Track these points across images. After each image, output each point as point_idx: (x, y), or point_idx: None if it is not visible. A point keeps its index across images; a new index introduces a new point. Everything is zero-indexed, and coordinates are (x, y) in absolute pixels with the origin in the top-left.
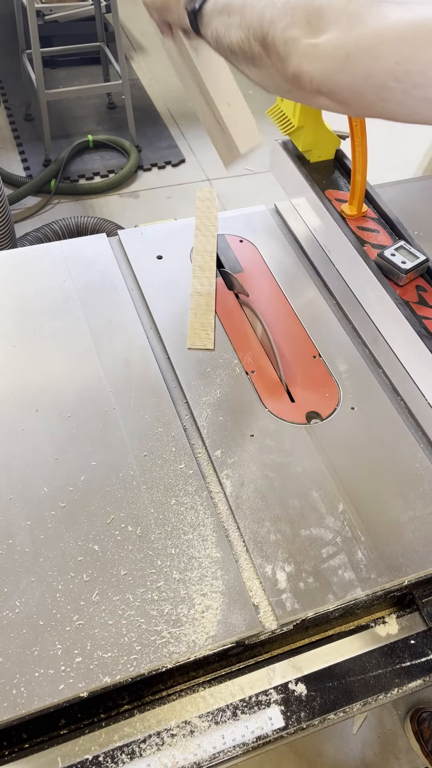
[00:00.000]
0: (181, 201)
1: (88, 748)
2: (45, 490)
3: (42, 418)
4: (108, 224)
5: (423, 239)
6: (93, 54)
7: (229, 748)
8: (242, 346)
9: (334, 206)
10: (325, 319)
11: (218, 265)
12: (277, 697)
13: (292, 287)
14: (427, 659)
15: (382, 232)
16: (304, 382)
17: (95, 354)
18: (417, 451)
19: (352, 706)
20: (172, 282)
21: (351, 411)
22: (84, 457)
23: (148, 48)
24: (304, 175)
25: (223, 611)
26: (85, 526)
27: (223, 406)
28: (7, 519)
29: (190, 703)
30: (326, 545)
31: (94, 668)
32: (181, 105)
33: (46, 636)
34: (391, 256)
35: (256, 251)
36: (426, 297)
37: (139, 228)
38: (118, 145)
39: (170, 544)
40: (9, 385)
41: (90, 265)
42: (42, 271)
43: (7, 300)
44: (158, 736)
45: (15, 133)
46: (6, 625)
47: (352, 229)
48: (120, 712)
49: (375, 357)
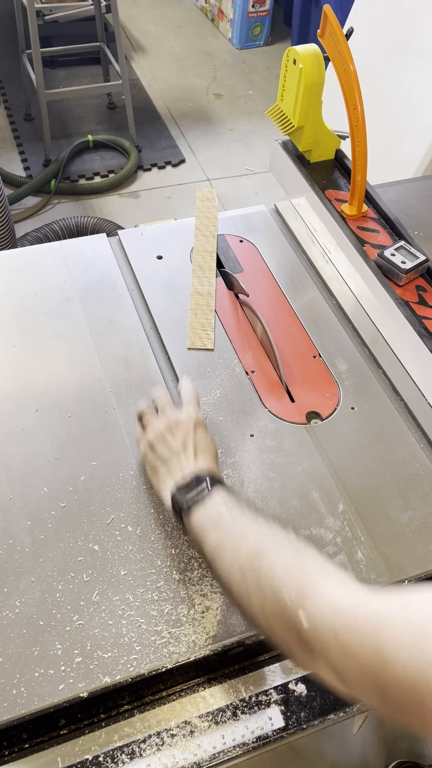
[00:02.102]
0: (181, 201)
1: (88, 748)
2: (45, 490)
3: (42, 418)
4: (108, 224)
5: (423, 239)
6: (93, 54)
7: (229, 748)
8: (242, 346)
9: (334, 206)
10: (325, 319)
11: (218, 265)
12: (277, 697)
13: (292, 287)
14: None
15: (382, 232)
16: (304, 382)
17: (95, 354)
18: (417, 451)
19: (352, 706)
20: (172, 282)
21: (351, 411)
22: (84, 457)
23: (148, 48)
24: (304, 175)
25: (223, 611)
26: (85, 526)
27: (223, 406)
28: (7, 519)
29: (190, 703)
30: (326, 545)
31: (94, 668)
32: (181, 105)
33: (46, 636)
34: (391, 256)
35: (256, 251)
36: (426, 297)
37: (139, 228)
38: (118, 145)
39: (170, 544)
40: (9, 385)
41: (90, 265)
42: (42, 271)
43: (7, 300)
44: (158, 736)
45: (15, 133)
46: (6, 625)
47: (352, 229)
48: (120, 712)
49: (375, 357)
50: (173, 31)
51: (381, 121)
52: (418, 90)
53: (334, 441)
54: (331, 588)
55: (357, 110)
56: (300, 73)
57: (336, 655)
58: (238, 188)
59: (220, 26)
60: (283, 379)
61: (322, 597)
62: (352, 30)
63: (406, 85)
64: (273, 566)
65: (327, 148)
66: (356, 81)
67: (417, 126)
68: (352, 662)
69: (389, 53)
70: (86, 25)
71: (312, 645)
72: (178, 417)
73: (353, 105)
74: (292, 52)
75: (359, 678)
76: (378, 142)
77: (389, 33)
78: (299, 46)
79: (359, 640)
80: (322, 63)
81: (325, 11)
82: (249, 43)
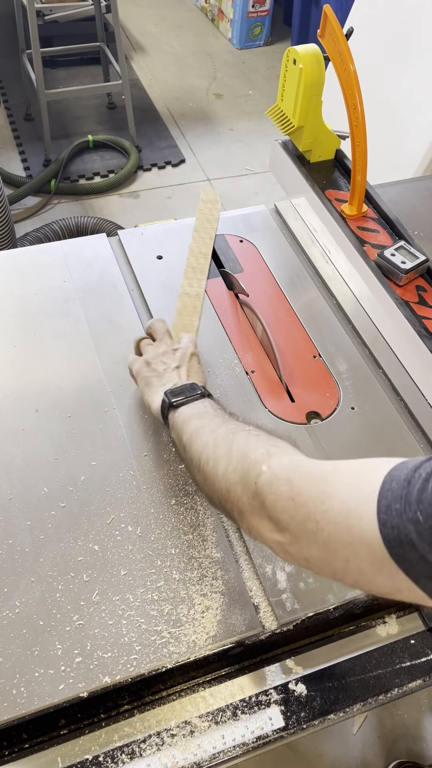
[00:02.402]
0: (181, 201)
1: (88, 748)
2: (45, 490)
3: (42, 418)
4: (108, 224)
5: (423, 239)
6: (93, 54)
7: (229, 748)
8: (242, 346)
9: (334, 206)
10: (325, 319)
11: (218, 265)
12: (277, 697)
13: (292, 287)
14: (427, 659)
15: (382, 232)
16: (304, 382)
17: (95, 354)
18: (417, 451)
19: (352, 706)
20: (172, 282)
21: (351, 411)
22: (84, 457)
23: (148, 48)
24: (304, 175)
25: (223, 611)
26: (85, 526)
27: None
28: (7, 519)
29: (190, 703)
30: None
31: (94, 668)
32: (181, 105)
33: (46, 636)
34: (391, 256)
35: (256, 251)
36: (426, 297)
37: (139, 228)
38: (118, 145)
39: (170, 544)
40: (9, 385)
41: (90, 265)
42: (42, 271)
43: (7, 300)
44: (158, 736)
45: (15, 133)
46: (6, 625)
47: (352, 229)
48: (120, 712)
49: (375, 357)
50: (173, 31)
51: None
52: (418, 90)
53: (334, 441)
54: (296, 454)
55: (357, 110)
56: (300, 73)
57: (284, 500)
58: (238, 188)
59: (220, 26)
60: (283, 379)
61: (285, 455)
62: (352, 30)
63: (406, 85)
64: (247, 439)
65: (327, 148)
66: (356, 81)
67: (417, 126)
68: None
69: (389, 53)
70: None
71: (264, 495)
72: (176, 345)
73: (353, 105)
74: (292, 52)
75: (298, 523)
76: (378, 142)
77: (389, 33)
78: (299, 46)
79: (310, 485)
80: (322, 63)
81: (325, 11)
82: (249, 43)
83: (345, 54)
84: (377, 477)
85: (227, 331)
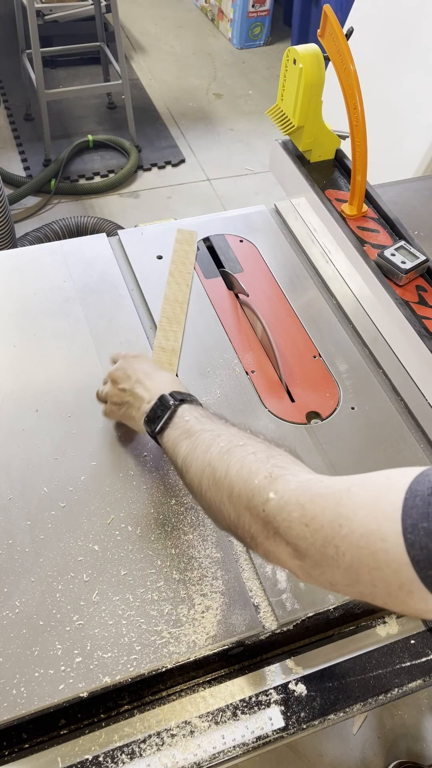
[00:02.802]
0: (181, 201)
1: (88, 748)
2: (45, 490)
3: (42, 418)
4: (108, 224)
5: (423, 239)
6: (93, 54)
7: (229, 748)
8: (242, 346)
9: (334, 206)
10: (325, 319)
11: (218, 265)
12: (277, 697)
13: (292, 287)
14: (427, 659)
15: (382, 232)
16: (304, 382)
17: (95, 354)
18: (417, 451)
19: (352, 706)
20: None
21: (351, 411)
22: (84, 457)
23: (148, 48)
24: (304, 175)
25: (223, 611)
26: (85, 526)
27: (223, 406)
28: (7, 519)
29: (190, 703)
30: None
31: (94, 668)
32: (181, 105)
33: (46, 636)
34: (391, 256)
35: (256, 251)
36: (426, 297)
37: (139, 228)
38: (118, 145)
39: (170, 544)
40: (9, 385)
41: (90, 265)
42: (42, 271)
43: (7, 300)
44: (158, 736)
45: (15, 133)
46: (6, 625)
47: (352, 229)
48: (120, 712)
49: (375, 357)
50: (173, 31)
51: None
52: (418, 90)
53: (334, 441)
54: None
55: (357, 110)
56: (300, 73)
57: (298, 526)
58: (238, 188)
59: (220, 26)
60: (283, 379)
61: (291, 476)
62: (352, 30)
63: (406, 85)
64: (244, 458)
65: (327, 148)
66: (356, 81)
67: (417, 126)
68: (314, 531)
69: (389, 53)
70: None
71: (276, 522)
72: (115, 368)
73: (353, 105)
74: (292, 52)
75: (318, 548)
76: (378, 142)
77: (389, 33)
78: (299, 46)
79: (323, 508)
80: (322, 63)
81: (325, 11)
82: (249, 43)
83: (345, 54)
84: (397, 494)
85: (227, 331)
